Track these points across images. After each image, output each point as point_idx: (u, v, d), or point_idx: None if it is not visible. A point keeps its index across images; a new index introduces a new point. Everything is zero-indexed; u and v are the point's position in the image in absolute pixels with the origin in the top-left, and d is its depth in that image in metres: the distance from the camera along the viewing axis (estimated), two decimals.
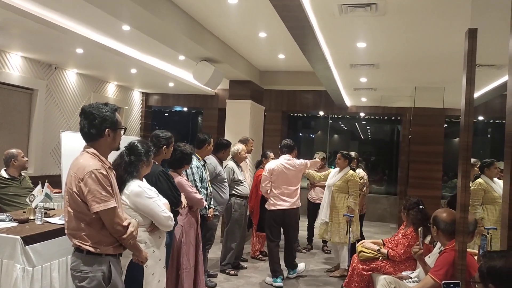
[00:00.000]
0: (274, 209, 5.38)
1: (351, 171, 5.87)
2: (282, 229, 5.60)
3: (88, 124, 2.50)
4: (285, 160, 5.45)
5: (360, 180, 6.21)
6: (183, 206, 3.79)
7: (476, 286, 2.23)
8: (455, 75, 6.29)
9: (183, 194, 3.88)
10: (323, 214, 5.92)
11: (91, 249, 2.45)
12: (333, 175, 6.01)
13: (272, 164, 5.48)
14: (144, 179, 3.16)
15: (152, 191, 3.08)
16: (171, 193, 3.57)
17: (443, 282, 2.61)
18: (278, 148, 5.75)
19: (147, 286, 3.05)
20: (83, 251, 2.47)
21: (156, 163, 3.70)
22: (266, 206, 5.50)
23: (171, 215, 3.17)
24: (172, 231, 3.81)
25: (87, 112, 2.51)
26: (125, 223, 2.53)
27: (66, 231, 2.54)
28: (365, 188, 6.62)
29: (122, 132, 2.65)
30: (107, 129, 2.52)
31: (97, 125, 2.49)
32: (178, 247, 3.98)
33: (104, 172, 2.47)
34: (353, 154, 6.37)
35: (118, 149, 2.78)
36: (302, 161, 5.58)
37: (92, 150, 2.52)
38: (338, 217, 5.77)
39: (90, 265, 2.46)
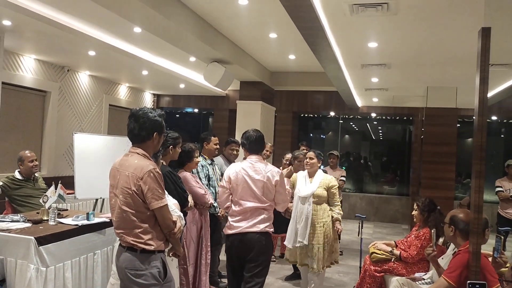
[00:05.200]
0: (230, 233, 3.56)
1: (326, 174, 4.84)
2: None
3: (139, 127, 2.65)
4: (249, 162, 3.62)
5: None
6: (189, 205, 3.80)
7: (505, 284, 2.19)
8: (468, 74, 6.23)
9: (188, 190, 3.89)
10: (300, 235, 4.52)
11: (146, 246, 2.58)
12: (303, 181, 4.69)
13: (231, 170, 3.64)
14: None
15: None
16: (177, 193, 3.59)
17: (468, 282, 2.57)
18: (242, 144, 3.77)
19: None
20: (137, 250, 2.59)
21: (164, 163, 3.73)
22: (223, 229, 3.74)
23: (181, 214, 3.20)
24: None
25: (137, 115, 2.67)
26: (174, 219, 2.71)
27: (116, 230, 2.67)
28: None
29: (164, 136, 2.85)
30: (155, 133, 2.69)
31: (148, 128, 2.66)
32: None
33: (159, 171, 2.65)
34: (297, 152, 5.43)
35: (158, 151, 3.02)
36: (277, 172, 3.60)
37: (141, 151, 2.69)
38: (322, 237, 4.52)
39: (146, 263, 2.59)
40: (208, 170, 4.75)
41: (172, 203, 3.22)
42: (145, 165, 2.59)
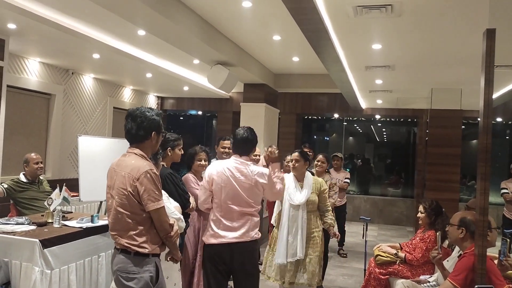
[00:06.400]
0: (215, 242, 3.21)
1: (315, 177, 4.40)
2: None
3: (137, 126, 2.60)
4: (234, 161, 3.31)
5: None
6: (191, 207, 3.79)
7: None
8: (472, 76, 6.20)
9: (188, 191, 3.89)
10: (298, 249, 4.02)
11: (140, 249, 2.51)
12: (293, 187, 4.18)
13: (213, 169, 3.32)
14: None
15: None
16: (178, 195, 3.59)
17: (476, 286, 2.56)
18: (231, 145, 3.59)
19: None
20: (131, 253, 2.52)
21: (165, 165, 3.74)
22: (203, 238, 3.36)
23: (181, 217, 3.19)
24: (184, 232, 3.83)
25: (135, 115, 2.62)
26: (170, 222, 2.64)
27: (111, 232, 2.60)
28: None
29: (162, 135, 2.78)
30: (153, 132, 2.63)
31: (146, 127, 2.61)
32: None
33: (156, 173, 2.58)
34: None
35: (158, 153, 2.96)
36: (265, 174, 3.28)
37: (139, 151, 2.62)
38: (315, 247, 4.12)
39: (138, 266, 2.52)
40: None
41: (173, 206, 3.22)
42: (141, 165, 2.52)
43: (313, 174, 4.34)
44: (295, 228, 4.08)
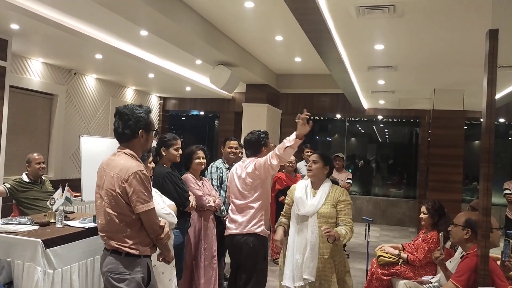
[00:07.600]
0: (226, 234, 3.64)
1: (336, 185, 3.58)
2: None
3: (123, 125, 2.51)
4: (239, 163, 3.71)
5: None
6: (191, 205, 3.79)
7: None
8: (475, 76, 6.19)
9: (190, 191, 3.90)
10: (305, 269, 3.27)
11: (131, 250, 2.44)
12: (303, 194, 3.47)
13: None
14: None
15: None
16: (177, 194, 3.60)
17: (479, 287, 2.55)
18: None
19: (158, 285, 3.07)
20: (122, 253, 2.44)
21: (165, 165, 3.74)
22: None
23: (172, 212, 3.21)
24: (185, 232, 3.84)
25: (121, 112, 2.53)
26: (161, 223, 2.55)
27: (100, 233, 2.52)
28: None
29: (153, 134, 2.68)
30: (140, 130, 2.53)
31: (132, 125, 2.50)
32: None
33: (146, 173, 2.48)
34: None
35: (149, 150, 2.87)
36: (254, 162, 3.49)
37: (129, 151, 2.53)
38: (333, 271, 3.34)
39: (129, 267, 2.44)
40: (222, 172, 4.71)
41: (166, 204, 3.22)
42: (131, 166, 2.43)
43: (336, 183, 3.66)
44: (303, 245, 3.37)
